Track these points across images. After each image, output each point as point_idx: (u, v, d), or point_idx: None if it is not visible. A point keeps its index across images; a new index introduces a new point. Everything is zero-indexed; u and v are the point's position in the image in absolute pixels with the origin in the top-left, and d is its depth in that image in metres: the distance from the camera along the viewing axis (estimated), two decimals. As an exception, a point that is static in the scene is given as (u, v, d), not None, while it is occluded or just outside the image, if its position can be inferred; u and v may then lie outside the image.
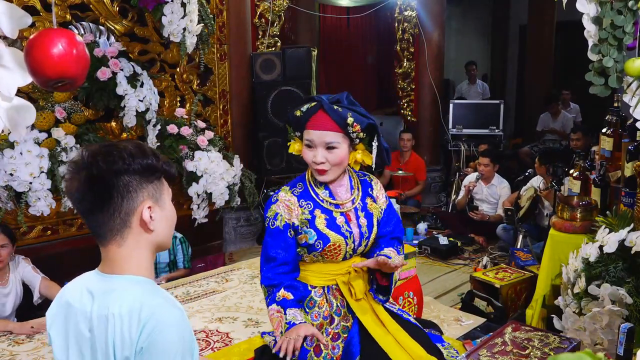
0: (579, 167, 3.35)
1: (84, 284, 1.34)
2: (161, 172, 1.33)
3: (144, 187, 1.29)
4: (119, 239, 1.29)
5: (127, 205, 1.27)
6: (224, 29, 4.81)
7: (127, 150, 1.27)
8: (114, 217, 1.27)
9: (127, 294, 1.26)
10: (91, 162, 1.24)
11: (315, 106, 1.95)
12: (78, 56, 1.69)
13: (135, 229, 1.30)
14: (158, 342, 1.21)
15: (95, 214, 1.27)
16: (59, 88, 1.77)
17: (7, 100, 1.74)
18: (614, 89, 2.38)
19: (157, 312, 1.23)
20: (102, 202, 1.26)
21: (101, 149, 1.28)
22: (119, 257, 1.30)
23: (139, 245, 1.31)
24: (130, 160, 1.26)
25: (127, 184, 1.26)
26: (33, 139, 3.49)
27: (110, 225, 1.28)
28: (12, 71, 1.72)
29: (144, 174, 1.29)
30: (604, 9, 2.27)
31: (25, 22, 1.73)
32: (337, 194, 2.06)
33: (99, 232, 1.29)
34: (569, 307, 2.73)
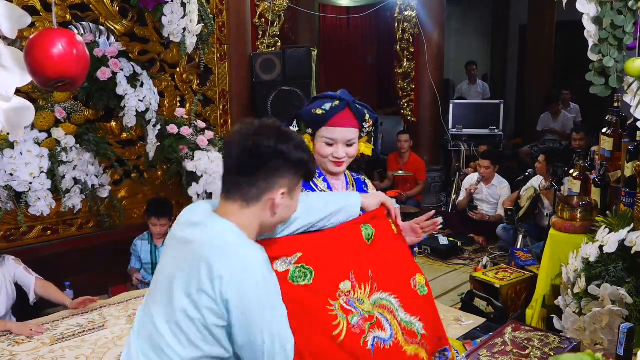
0: (579, 167, 3.35)
1: (197, 209, 1.51)
2: (306, 171, 1.48)
3: (288, 177, 1.44)
4: (245, 205, 1.43)
5: (268, 184, 1.42)
6: (224, 29, 4.81)
7: (294, 141, 1.44)
8: (250, 187, 1.41)
9: (223, 239, 1.39)
10: (262, 136, 1.40)
11: (340, 105, 1.97)
12: (78, 56, 1.68)
13: (261, 205, 1.43)
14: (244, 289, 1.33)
15: (238, 175, 1.43)
16: (59, 88, 1.76)
17: (6, 100, 1.74)
18: (614, 89, 2.39)
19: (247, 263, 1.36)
20: (250, 170, 1.41)
21: (279, 130, 1.45)
22: (234, 214, 1.44)
23: (255, 218, 1.45)
24: (292, 150, 1.42)
25: (278, 167, 1.41)
26: (33, 139, 3.47)
27: (244, 191, 1.42)
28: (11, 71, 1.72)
29: (294, 166, 1.43)
30: (604, 9, 2.28)
31: (25, 22, 1.72)
32: (335, 187, 2.07)
33: (232, 189, 1.44)
34: (569, 307, 2.73)
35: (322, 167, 2.03)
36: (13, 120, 1.78)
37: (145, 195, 4.44)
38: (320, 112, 1.97)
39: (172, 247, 1.50)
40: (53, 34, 1.66)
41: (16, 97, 1.77)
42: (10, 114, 1.76)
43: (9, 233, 3.84)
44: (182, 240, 1.45)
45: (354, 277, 1.74)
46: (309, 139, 2.02)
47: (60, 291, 3.48)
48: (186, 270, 1.38)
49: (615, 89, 2.41)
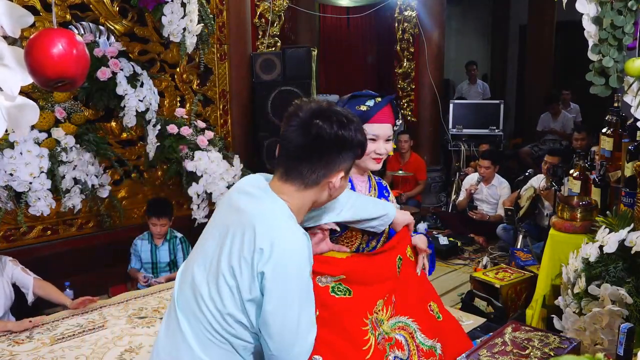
0: (579, 167, 3.35)
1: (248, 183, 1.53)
2: (362, 151, 1.51)
3: (347, 160, 1.47)
4: (302, 187, 1.45)
5: (329, 169, 1.43)
6: (224, 29, 4.81)
7: (355, 124, 1.45)
8: (311, 172, 1.43)
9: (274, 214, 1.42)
10: (326, 122, 1.39)
11: (383, 101, 2.01)
12: (78, 56, 1.68)
13: (320, 188, 1.46)
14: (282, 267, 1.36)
15: (299, 160, 1.43)
16: (59, 88, 1.76)
17: (10, 100, 1.74)
18: (614, 89, 2.39)
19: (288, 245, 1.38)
20: (312, 157, 1.42)
21: (339, 114, 1.44)
22: (289, 193, 1.46)
23: (310, 199, 1.48)
24: (354, 135, 1.43)
25: (340, 152, 1.43)
26: (33, 139, 3.47)
27: (303, 175, 1.43)
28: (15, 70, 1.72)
29: (353, 149, 1.46)
30: (604, 9, 2.27)
31: (27, 21, 1.72)
32: (357, 188, 2.09)
33: (291, 172, 1.45)
34: (569, 307, 2.73)
35: (360, 165, 2.03)
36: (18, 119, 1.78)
37: (145, 195, 4.43)
38: (364, 109, 1.99)
39: (224, 211, 1.52)
40: (53, 34, 1.66)
41: (20, 96, 1.77)
42: (14, 113, 1.76)
43: (9, 233, 3.84)
44: (235, 207, 1.47)
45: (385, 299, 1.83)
46: None
47: (59, 291, 3.48)
48: (232, 237, 1.41)
49: (615, 89, 2.41)
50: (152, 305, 3.55)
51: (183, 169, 4.07)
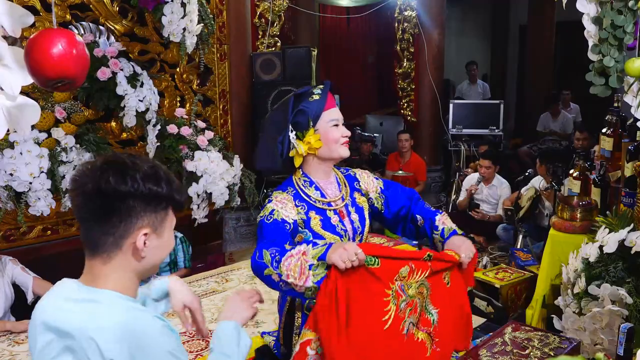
0: (579, 167, 3.34)
1: (62, 294, 1.32)
2: (169, 202, 1.28)
3: (147, 215, 1.24)
4: (106, 257, 1.25)
5: (124, 228, 1.23)
6: (224, 29, 4.80)
7: (140, 172, 1.22)
8: (107, 235, 1.23)
9: (106, 308, 1.22)
10: (101, 177, 1.20)
11: (325, 86, 2.06)
12: (78, 56, 1.69)
13: (125, 252, 1.25)
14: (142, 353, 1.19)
15: (90, 225, 1.25)
16: (59, 88, 1.77)
17: (11, 100, 1.74)
18: (614, 89, 2.38)
19: (139, 326, 1.20)
20: (99, 217, 1.22)
21: (115, 164, 1.23)
22: (102, 274, 1.26)
23: (124, 268, 1.27)
24: (140, 185, 1.21)
25: (130, 208, 1.22)
26: (33, 139, 3.47)
27: (101, 241, 1.24)
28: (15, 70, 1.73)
29: (150, 201, 1.24)
30: (604, 9, 2.27)
31: (27, 21, 1.73)
32: (327, 193, 2.08)
33: (89, 242, 1.27)
34: (569, 307, 2.73)
35: (333, 156, 2.06)
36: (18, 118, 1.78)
37: (145, 195, 4.41)
38: (317, 97, 2.03)
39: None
40: (53, 34, 1.67)
41: (21, 96, 1.77)
42: (15, 113, 1.76)
43: (9, 233, 3.84)
44: (49, 341, 1.24)
45: (412, 264, 1.86)
46: (315, 137, 2.02)
47: None
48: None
49: (615, 89, 2.41)
50: (152, 305, 3.55)
51: (183, 169, 4.05)
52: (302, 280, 1.72)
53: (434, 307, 1.97)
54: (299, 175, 2.09)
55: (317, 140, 2.02)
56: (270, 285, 1.84)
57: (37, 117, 1.84)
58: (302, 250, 1.76)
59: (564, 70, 8.87)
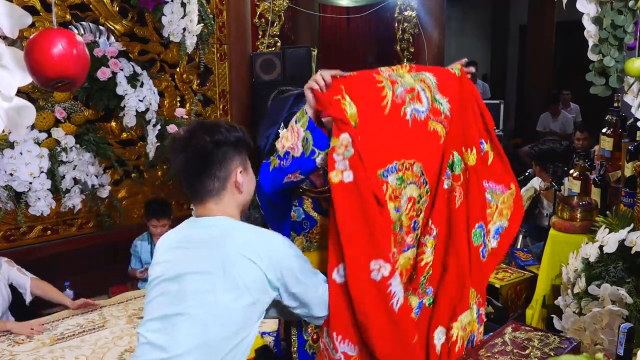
0: (579, 167, 3.34)
1: (187, 226, 1.61)
2: (247, 144, 1.60)
3: (236, 156, 1.56)
4: (217, 199, 1.55)
5: (225, 171, 1.54)
6: (224, 29, 4.80)
7: (222, 127, 1.56)
8: (213, 180, 1.53)
9: (231, 224, 1.55)
10: (198, 137, 1.52)
11: None
12: (78, 56, 1.68)
13: (229, 190, 1.56)
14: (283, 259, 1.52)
15: (198, 177, 1.54)
16: (59, 88, 1.76)
17: (8, 100, 1.74)
18: (614, 89, 2.38)
19: (265, 237, 1.54)
20: (205, 167, 1.53)
21: (203, 125, 1.58)
22: (215, 211, 1.56)
23: (232, 204, 1.58)
24: (227, 134, 1.54)
25: (225, 153, 1.54)
26: (33, 139, 3.47)
27: (210, 186, 1.54)
28: (12, 71, 1.72)
29: (237, 145, 1.56)
30: (604, 8, 2.27)
31: (26, 21, 1.72)
32: (316, 184, 2.11)
33: (200, 192, 1.55)
34: (569, 307, 2.73)
35: None
36: (15, 119, 1.78)
37: (145, 195, 4.42)
38: None
39: (179, 255, 1.55)
40: (53, 34, 1.66)
41: (17, 97, 1.77)
42: (12, 114, 1.76)
43: (9, 233, 3.84)
44: (193, 243, 1.54)
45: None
46: None
47: (59, 291, 3.48)
48: (215, 270, 1.46)
49: (615, 89, 2.41)
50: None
51: (183, 169, 4.04)
52: (295, 137, 1.73)
53: (443, 97, 1.96)
54: None
55: None
56: (272, 183, 1.81)
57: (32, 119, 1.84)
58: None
59: (564, 70, 8.87)
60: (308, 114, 1.73)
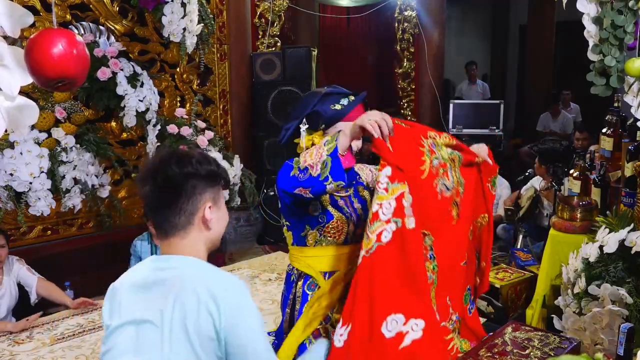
0: (579, 167, 3.33)
1: (145, 267, 1.51)
2: (221, 179, 1.52)
3: (207, 190, 1.47)
4: (183, 233, 1.46)
5: (192, 205, 1.45)
6: (224, 29, 4.81)
7: (194, 158, 1.47)
8: (179, 215, 1.44)
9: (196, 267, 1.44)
10: (166, 167, 1.43)
11: (357, 99, 2.06)
12: (78, 56, 1.68)
13: (197, 226, 1.47)
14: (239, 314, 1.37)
15: (164, 210, 1.45)
16: (59, 88, 1.76)
17: (10, 100, 1.74)
18: (614, 89, 2.38)
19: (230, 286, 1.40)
20: (171, 200, 1.44)
21: (174, 155, 1.48)
22: (180, 248, 1.47)
23: (198, 241, 1.48)
24: (198, 166, 1.45)
25: (194, 186, 1.45)
26: (33, 139, 3.47)
27: (175, 222, 1.45)
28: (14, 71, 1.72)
29: (208, 179, 1.47)
30: (604, 8, 2.27)
31: (27, 21, 1.72)
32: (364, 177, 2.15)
33: (164, 226, 1.46)
34: (569, 307, 2.72)
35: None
36: (17, 119, 1.78)
37: (145, 195, 4.41)
38: (339, 108, 2.03)
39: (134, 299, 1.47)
40: (53, 34, 1.66)
41: (20, 97, 1.77)
42: (14, 113, 1.76)
43: (9, 233, 3.83)
44: (149, 285, 1.45)
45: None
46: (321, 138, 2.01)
47: (61, 291, 3.48)
48: (170, 309, 1.37)
49: (615, 89, 2.41)
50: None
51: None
52: (318, 157, 1.76)
53: (463, 179, 2.05)
54: None
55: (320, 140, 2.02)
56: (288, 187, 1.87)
57: (35, 118, 1.83)
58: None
59: (564, 70, 8.87)
60: (337, 142, 1.74)
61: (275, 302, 3.62)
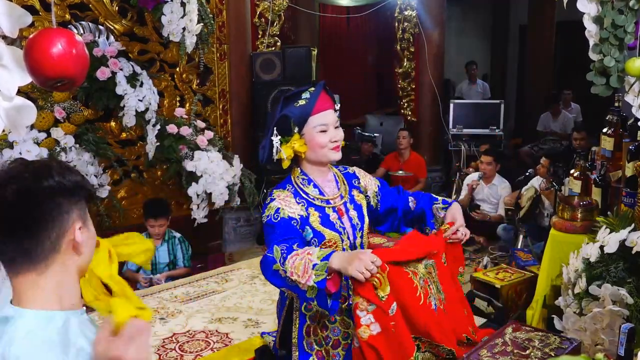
0: (580, 167, 3.33)
1: None
2: (86, 191, 1.20)
3: (74, 208, 1.15)
4: (43, 266, 1.12)
5: (59, 228, 1.12)
6: (224, 28, 4.79)
7: (53, 169, 1.13)
8: (42, 242, 1.11)
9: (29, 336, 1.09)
10: (18, 179, 1.09)
11: (317, 88, 2.00)
12: (77, 56, 1.68)
13: (64, 253, 1.14)
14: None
15: (18, 238, 1.10)
16: (58, 88, 1.76)
17: (8, 100, 1.73)
18: (615, 89, 2.38)
19: None
20: (30, 224, 1.10)
21: (25, 169, 1.13)
22: (36, 287, 1.12)
23: (67, 271, 1.16)
24: (61, 179, 1.13)
25: (60, 204, 1.12)
26: (32, 139, 3.48)
27: (35, 251, 1.10)
28: (13, 71, 1.72)
29: (74, 193, 1.15)
30: (604, 8, 2.27)
31: (25, 21, 1.72)
32: (326, 191, 2.06)
33: (18, 259, 1.11)
34: (569, 307, 2.71)
35: (322, 160, 2.02)
36: (15, 119, 1.78)
37: (145, 195, 4.42)
38: (303, 103, 1.98)
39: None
40: (52, 34, 1.66)
41: (18, 97, 1.77)
42: (12, 113, 1.75)
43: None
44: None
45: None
46: (300, 142, 1.98)
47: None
48: None
49: (616, 89, 2.40)
50: (152, 305, 3.54)
51: (182, 169, 4.06)
52: (305, 279, 1.69)
53: (441, 285, 2.04)
54: (297, 174, 2.06)
55: (301, 145, 1.98)
56: (275, 282, 1.83)
57: (33, 118, 1.83)
58: (307, 250, 1.74)
59: (564, 70, 8.86)
60: (326, 276, 1.67)
61: (275, 302, 3.61)
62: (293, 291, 1.80)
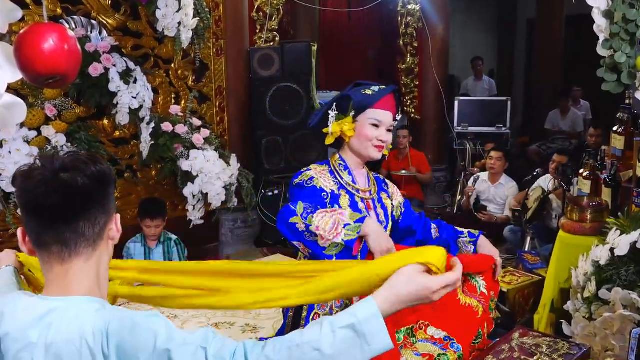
0: (589, 167, 3.32)
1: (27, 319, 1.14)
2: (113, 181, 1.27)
3: (113, 197, 1.24)
4: (90, 251, 1.17)
5: (108, 214, 1.20)
6: (221, 23, 4.78)
7: (99, 160, 1.20)
8: (94, 227, 1.16)
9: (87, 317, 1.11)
10: (78, 167, 1.14)
11: (388, 88, 2.09)
12: (69, 51, 1.71)
13: (105, 241, 1.21)
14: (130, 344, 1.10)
15: (76, 223, 1.14)
16: (50, 84, 1.78)
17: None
18: (626, 86, 2.36)
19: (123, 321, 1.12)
20: (89, 208, 1.15)
21: (81, 156, 1.19)
22: (82, 274, 1.17)
23: (103, 260, 1.22)
24: (100, 166, 1.18)
25: (111, 193, 1.22)
26: (22, 137, 3.48)
27: (86, 236, 1.15)
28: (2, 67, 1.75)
29: (113, 183, 1.24)
30: (615, 2, 2.27)
31: (16, 15, 1.73)
32: (359, 181, 2.15)
33: (71, 239, 1.14)
34: (578, 312, 2.70)
35: (362, 153, 2.10)
36: (5, 117, 1.77)
37: (139, 195, 4.42)
38: (370, 93, 2.06)
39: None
40: (43, 29, 1.66)
41: (7, 94, 1.76)
42: (1, 111, 1.74)
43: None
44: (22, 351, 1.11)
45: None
46: (350, 125, 2.05)
47: None
48: None
49: (627, 86, 2.38)
50: (146, 309, 3.49)
51: (178, 168, 4.05)
52: (333, 235, 1.75)
53: (480, 275, 2.10)
54: (335, 158, 2.17)
55: (350, 129, 2.07)
56: (287, 234, 1.86)
57: (23, 116, 1.87)
58: (338, 211, 1.83)
59: (573, 65, 8.80)
60: (359, 234, 1.74)
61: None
62: (307, 245, 1.82)
